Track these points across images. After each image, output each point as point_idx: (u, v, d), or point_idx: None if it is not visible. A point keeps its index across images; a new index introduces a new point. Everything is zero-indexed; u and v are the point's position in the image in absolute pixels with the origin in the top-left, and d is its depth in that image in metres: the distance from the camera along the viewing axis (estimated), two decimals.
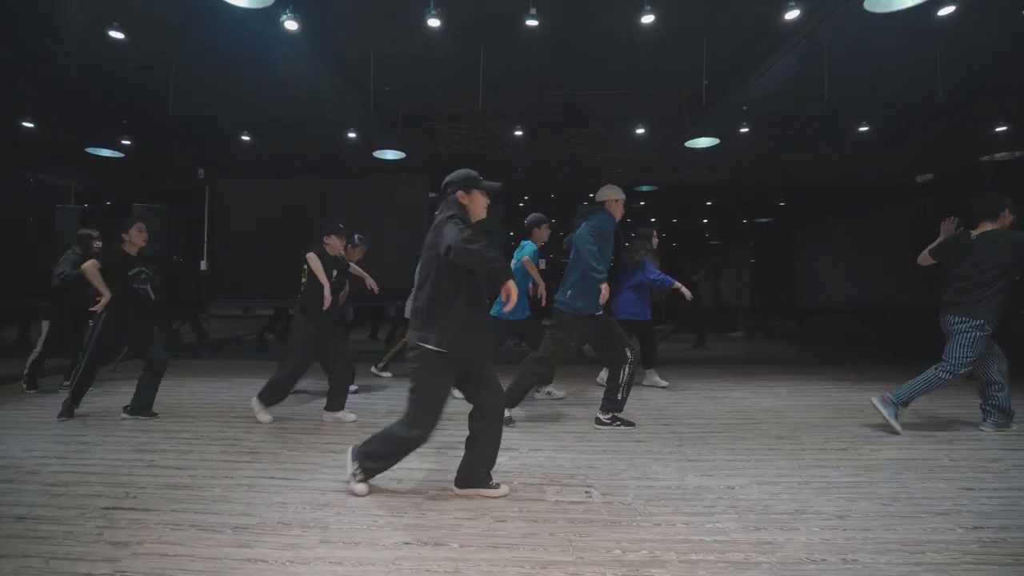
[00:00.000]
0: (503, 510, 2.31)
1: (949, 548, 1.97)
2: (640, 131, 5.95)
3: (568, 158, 6.48)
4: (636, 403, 4.43)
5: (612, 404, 3.58)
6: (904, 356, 6.40)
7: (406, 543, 2.01)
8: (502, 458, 3.00)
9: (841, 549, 1.97)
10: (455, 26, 4.27)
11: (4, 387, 4.77)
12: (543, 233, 4.37)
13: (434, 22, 3.41)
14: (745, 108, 4.92)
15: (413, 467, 2.73)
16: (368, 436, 2.50)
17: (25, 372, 4.62)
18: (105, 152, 5.38)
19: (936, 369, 3.42)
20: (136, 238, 3.80)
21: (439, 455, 3.02)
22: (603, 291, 3.44)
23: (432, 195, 6.54)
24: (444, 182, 2.51)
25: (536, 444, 3.25)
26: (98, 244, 4.59)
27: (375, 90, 5.19)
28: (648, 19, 3.34)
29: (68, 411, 3.73)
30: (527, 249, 4.36)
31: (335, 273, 3.84)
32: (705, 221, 11.15)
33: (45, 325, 4.69)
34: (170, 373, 5.55)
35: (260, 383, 5.11)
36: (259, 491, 2.51)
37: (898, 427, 3.40)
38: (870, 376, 5.48)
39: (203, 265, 6.69)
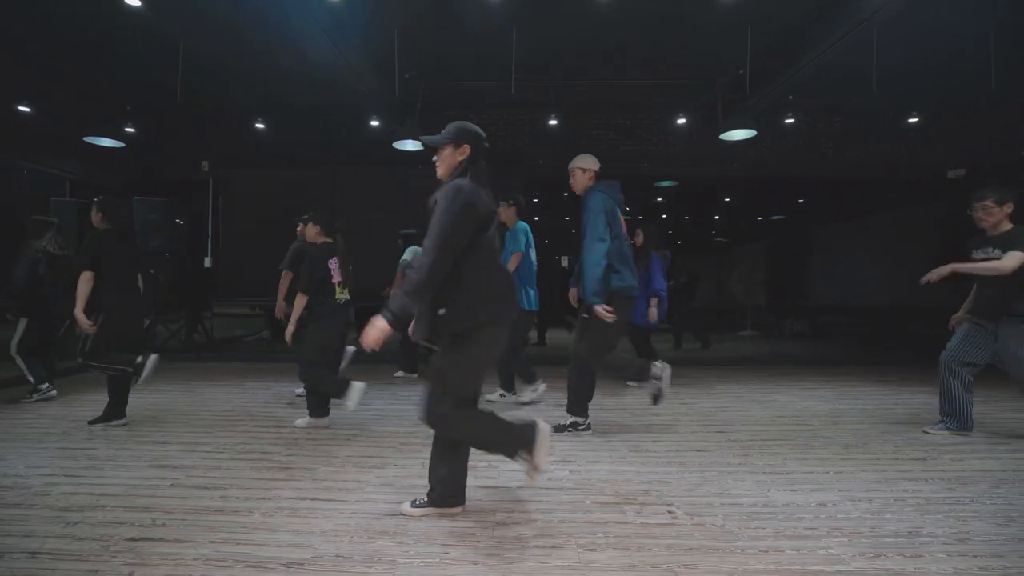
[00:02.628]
0: (587, 536, 2.05)
1: None
2: (670, 122, 5.72)
3: (591, 150, 6.22)
4: (679, 406, 4.23)
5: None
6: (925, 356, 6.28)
7: None
8: (563, 471, 2.78)
9: None
10: (487, 6, 4.02)
11: None
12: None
13: None
14: (791, 98, 4.72)
15: (468, 486, 2.47)
16: None
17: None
18: (105, 142, 5.02)
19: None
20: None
21: (491, 469, 2.77)
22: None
23: None
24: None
25: (593, 456, 3.00)
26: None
27: (392, 76, 4.91)
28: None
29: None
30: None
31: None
32: (716, 218, 11.00)
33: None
34: (178, 377, 5.24)
35: (273, 387, 4.89)
36: (304, 516, 2.22)
37: (938, 432, 3.36)
38: (910, 378, 5.33)
39: (207, 262, 6.34)
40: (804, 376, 5.51)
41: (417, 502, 2.25)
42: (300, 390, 4.59)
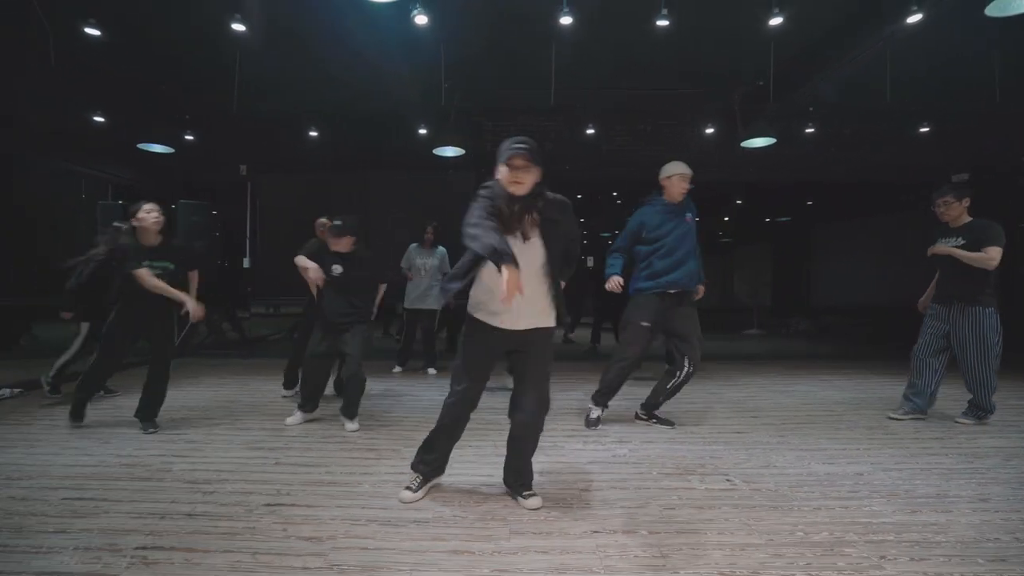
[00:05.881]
0: (664, 498, 2.37)
1: None
2: (691, 129, 6.08)
3: (614, 156, 6.57)
4: (708, 396, 4.55)
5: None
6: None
7: (595, 531, 2.06)
8: (622, 449, 3.09)
9: (1007, 529, 2.08)
10: (524, 22, 4.34)
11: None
12: None
13: (566, 20, 3.48)
14: (812, 109, 5.06)
15: (540, 462, 2.78)
16: None
17: (51, 375, 4.21)
18: (157, 148, 5.27)
19: None
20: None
21: (557, 448, 3.08)
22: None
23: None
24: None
25: (645, 437, 3.32)
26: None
27: (431, 83, 5.22)
28: (776, 21, 3.45)
29: (78, 415, 3.43)
30: None
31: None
32: (726, 219, 11.38)
33: (84, 327, 4.28)
34: (226, 372, 5.36)
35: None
36: None
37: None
38: None
39: (245, 263, 6.61)
40: (819, 369, 5.85)
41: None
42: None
